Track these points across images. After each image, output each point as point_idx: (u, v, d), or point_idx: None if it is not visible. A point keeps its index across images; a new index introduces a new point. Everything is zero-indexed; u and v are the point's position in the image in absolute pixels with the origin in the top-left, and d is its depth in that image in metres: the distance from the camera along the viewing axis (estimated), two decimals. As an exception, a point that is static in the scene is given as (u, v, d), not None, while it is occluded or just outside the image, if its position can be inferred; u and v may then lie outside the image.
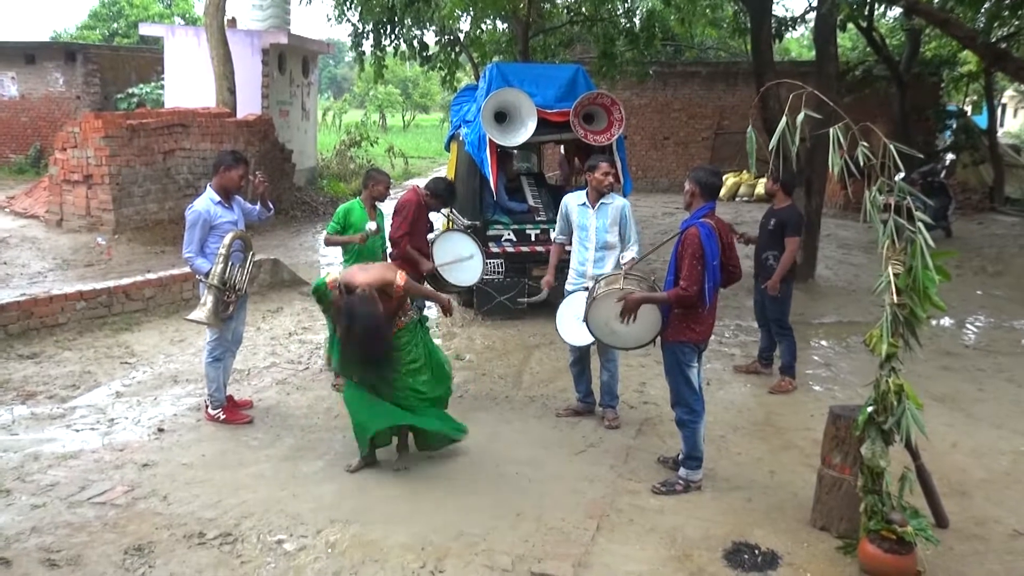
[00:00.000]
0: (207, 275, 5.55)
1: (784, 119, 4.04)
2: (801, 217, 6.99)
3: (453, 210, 9.22)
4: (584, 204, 5.92)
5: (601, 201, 5.89)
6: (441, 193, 6.68)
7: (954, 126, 19.31)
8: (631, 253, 5.92)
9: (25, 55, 20.21)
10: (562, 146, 11.24)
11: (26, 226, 12.09)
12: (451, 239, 6.85)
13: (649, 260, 9.03)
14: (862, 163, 3.96)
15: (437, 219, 8.20)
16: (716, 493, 4.94)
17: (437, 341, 7.55)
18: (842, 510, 4.39)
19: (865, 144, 3.95)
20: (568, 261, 6.13)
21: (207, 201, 5.65)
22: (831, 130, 3.96)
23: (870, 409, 4.06)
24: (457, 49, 16.72)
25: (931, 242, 3.91)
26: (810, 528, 4.51)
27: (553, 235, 6.33)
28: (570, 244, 6.10)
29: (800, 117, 3.96)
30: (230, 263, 5.59)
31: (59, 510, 4.45)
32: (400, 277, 4.97)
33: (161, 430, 5.64)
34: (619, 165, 8.76)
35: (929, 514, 4.43)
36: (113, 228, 11.54)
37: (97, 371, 6.84)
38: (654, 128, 22.04)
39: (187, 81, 17.04)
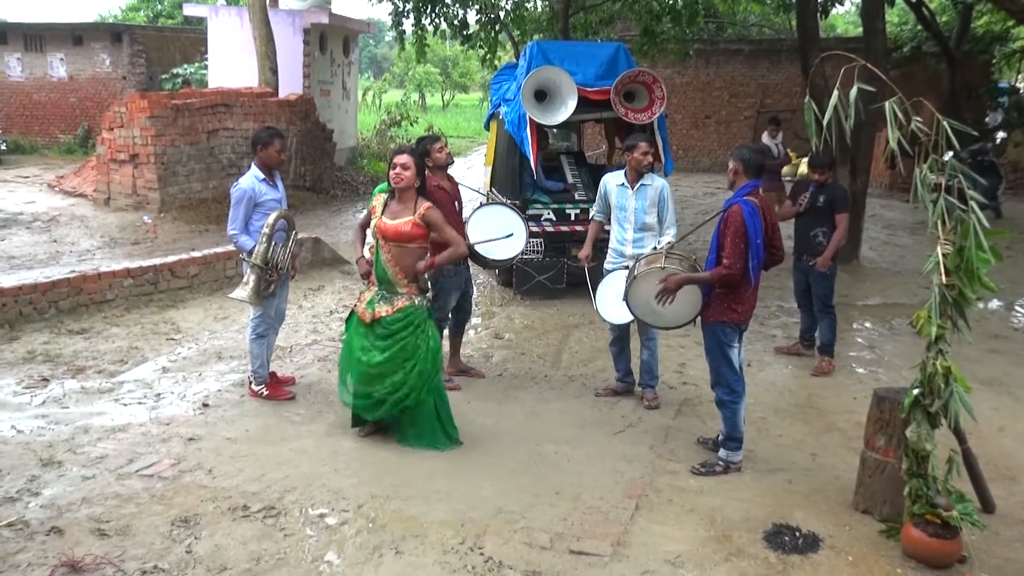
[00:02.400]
0: (250, 254, 5.62)
1: (836, 92, 3.94)
2: (847, 192, 6.93)
3: (493, 189, 9.21)
4: (623, 185, 5.87)
5: (641, 183, 5.84)
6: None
7: (1006, 104, 18.80)
8: (668, 237, 5.84)
9: (73, 36, 20.52)
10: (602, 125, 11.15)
11: (75, 205, 12.35)
12: (485, 214, 6.43)
13: (689, 240, 8.96)
14: (915, 139, 3.87)
15: (474, 200, 8.20)
16: (756, 475, 4.91)
17: (475, 321, 7.58)
18: (885, 493, 4.34)
19: (919, 119, 3.86)
20: (606, 239, 6.10)
21: (252, 179, 5.71)
22: (887, 104, 3.86)
23: (916, 391, 3.99)
24: (498, 27, 16.65)
25: (985, 221, 3.82)
26: (852, 511, 4.47)
27: (592, 212, 6.26)
28: (608, 222, 6.06)
29: (854, 92, 3.86)
30: (273, 243, 5.65)
31: (108, 482, 4.56)
32: (422, 207, 5.00)
33: (206, 405, 5.75)
34: (660, 144, 8.68)
35: (975, 498, 4.36)
36: (159, 207, 11.73)
37: (144, 347, 6.98)
38: (695, 107, 21.79)
39: (230, 61, 17.19)
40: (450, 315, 6.33)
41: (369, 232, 5.22)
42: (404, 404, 5.06)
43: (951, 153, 3.86)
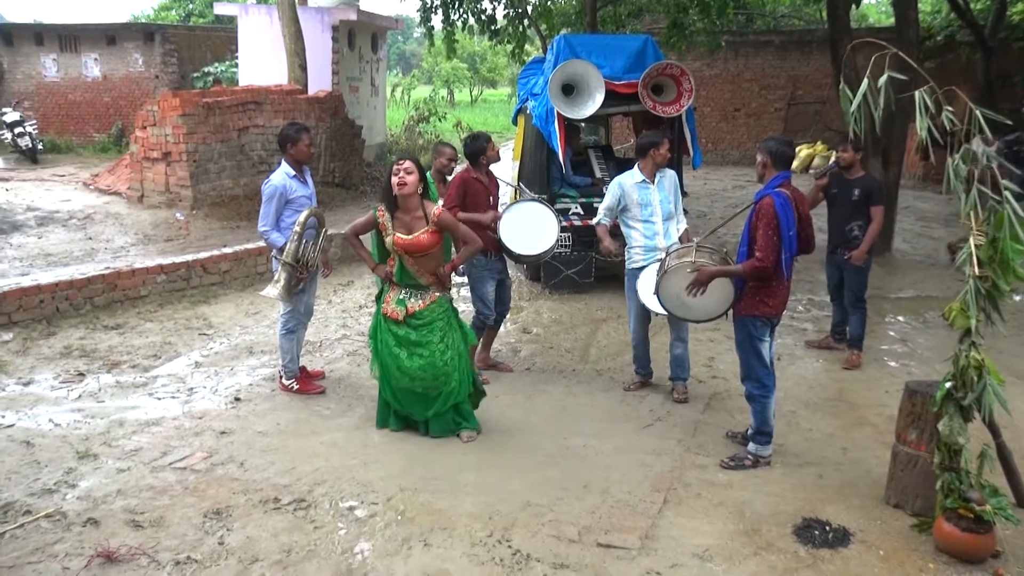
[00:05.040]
0: (281, 251, 5.67)
1: (866, 80, 3.89)
2: (883, 185, 6.82)
3: (521, 184, 9.21)
4: (644, 181, 5.88)
5: (658, 175, 5.92)
6: (466, 151, 6.38)
7: (1043, 93, 18.41)
8: (684, 225, 6.05)
9: (106, 36, 20.79)
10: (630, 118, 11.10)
11: (109, 202, 12.51)
12: (520, 210, 6.34)
13: (719, 234, 8.89)
14: (948, 129, 3.81)
15: (506, 194, 8.20)
16: (786, 469, 4.88)
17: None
18: (917, 488, 4.29)
19: (950, 109, 3.80)
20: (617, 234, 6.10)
21: (283, 175, 5.76)
22: (916, 93, 3.80)
23: (948, 385, 3.95)
24: (525, 22, 16.62)
25: (1020, 211, 3.75)
26: (883, 505, 4.42)
27: (598, 217, 6.11)
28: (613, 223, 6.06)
29: (883, 79, 3.81)
30: (303, 240, 5.69)
31: (143, 474, 4.64)
32: (434, 213, 5.08)
33: (238, 399, 5.82)
34: (689, 137, 8.63)
35: (1009, 493, 4.30)
36: (191, 204, 11.86)
37: (177, 342, 7.08)
38: (725, 99, 21.60)
39: (260, 59, 17.32)
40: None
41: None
42: (454, 392, 5.18)
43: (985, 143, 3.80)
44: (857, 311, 6.74)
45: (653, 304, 5.72)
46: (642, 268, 5.84)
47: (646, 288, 5.75)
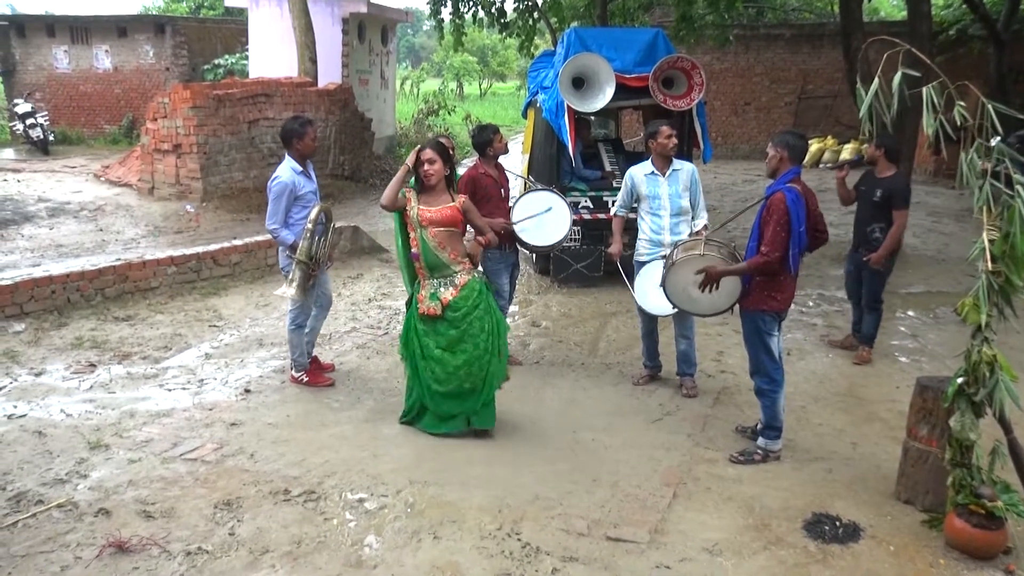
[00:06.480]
0: (293, 249, 5.66)
1: (877, 79, 3.87)
2: (909, 187, 6.57)
3: (531, 177, 9.20)
4: (653, 173, 5.86)
5: (671, 168, 5.85)
6: (474, 142, 6.44)
7: (1057, 87, 18.25)
8: (702, 221, 5.92)
9: (118, 28, 20.82)
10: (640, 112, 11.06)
11: (120, 194, 12.56)
12: (529, 200, 6.47)
13: (728, 228, 8.86)
14: (959, 124, 3.78)
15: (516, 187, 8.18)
16: (796, 464, 4.87)
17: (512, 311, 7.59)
18: (928, 483, 4.28)
19: (962, 104, 3.78)
20: (631, 229, 6.09)
21: (290, 171, 5.74)
22: (924, 89, 3.78)
23: (960, 380, 3.93)
24: (535, 15, 16.58)
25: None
26: (894, 501, 4.42)
27: (615, 209, 6.20)
28: (631, 215, 6.06)
29: (898, 77, 3.79)
30: (315, 237, 5.69)
31: (153, 465, 4.67)
32: (460, 198, 5.13)
33: (248, 391, 5.84)
34: (699, 131, 8.60)
35: (1021, 489, 4.28)
36: (201, 196, 11.89)
37: (187, 333, 7.10)
38: (735, 93, 21.51)
39: (270, 51, 17.32)
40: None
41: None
42: (497, 375, 5.11)
43: (998, 138, 3.78)
44: (873, 311, 6.68)
45: (649, 306, 5.74)
46: (645, 263, 5.84)
47: (645, 288, 5.75)
